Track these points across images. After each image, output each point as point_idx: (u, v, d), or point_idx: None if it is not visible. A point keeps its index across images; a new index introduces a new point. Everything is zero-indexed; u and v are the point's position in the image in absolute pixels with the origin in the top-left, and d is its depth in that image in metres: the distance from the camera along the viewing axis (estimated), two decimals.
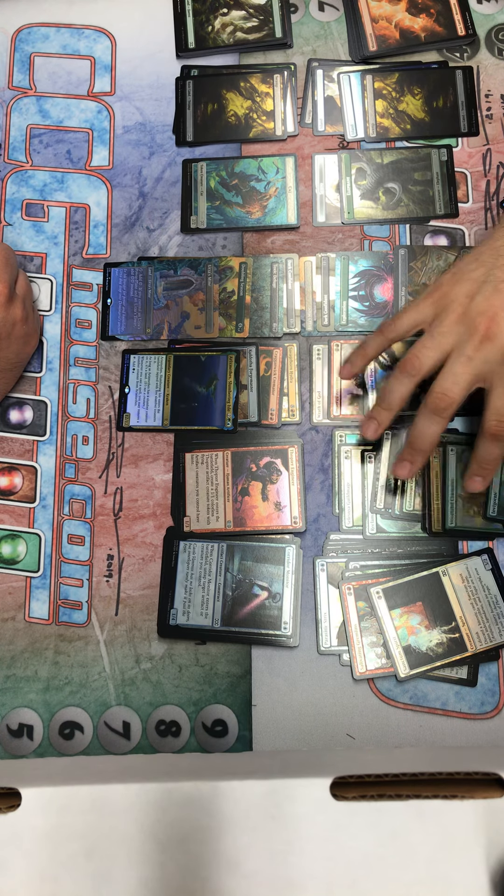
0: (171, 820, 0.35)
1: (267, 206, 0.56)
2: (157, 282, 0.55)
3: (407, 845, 0.35)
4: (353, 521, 0.51)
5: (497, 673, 0.49)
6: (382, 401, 0.47)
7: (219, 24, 0.58)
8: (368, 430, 0.48)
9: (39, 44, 0.59)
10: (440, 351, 0.44)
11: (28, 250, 0.56)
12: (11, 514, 0.52)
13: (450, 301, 0.44)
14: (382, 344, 0.48)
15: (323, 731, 0.48)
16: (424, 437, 0.46)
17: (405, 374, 0.45)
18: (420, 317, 0.46)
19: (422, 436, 0.46)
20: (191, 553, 0.50)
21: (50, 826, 0.35)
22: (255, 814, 0.35)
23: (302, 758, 0.42)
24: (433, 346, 0.45)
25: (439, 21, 0.58)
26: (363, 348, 0.48)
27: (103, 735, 0.48)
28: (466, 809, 0.35)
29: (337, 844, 0.35)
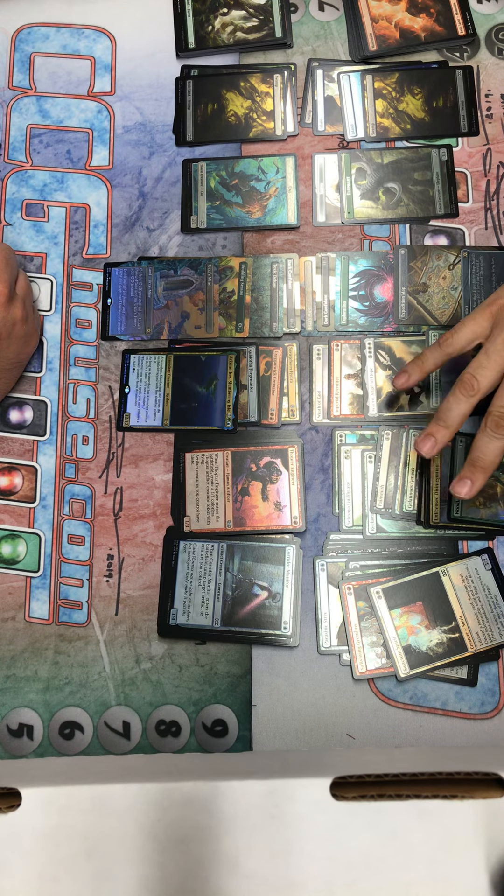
0: (171, 820, 0.35)
1: (267, 206, 0.56)
2: (157, 282, 0.55)
3: (407, 845, 0.35)
4: (353, 521, 0.51)
5: (497, 673, 0.49)
6: (440, 419, 0.46)
7: (219, 24, 0.58)
8: (425, 447, 0.46)
9: (39, 44, 0.59)
10: (496, 370, 0.44)
11: (28, 250, 0.56)
12: (11, 514, 0.52)
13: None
14: (440, 358, 0.47)
15: (323, 731, 0.48)
16: (486, 454, 0.45)
17: (464, 393, 0.45)
18: (479, 329, 0.46)
19: (484, 454, 0.45)
20: (191, 553, 0.50)
21: (50, 826, 0.35)
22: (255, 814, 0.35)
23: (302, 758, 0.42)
24: (489, 365, 0.44)
25: (439, 21, 0.58)
26: (421, 360, 0.48)
27: (103, 735, 0.48)
28: (466, 809, 0.35)
29: (337, 844, 0.35)
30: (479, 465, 0.45)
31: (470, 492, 0.45)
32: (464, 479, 0.45)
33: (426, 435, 0.46)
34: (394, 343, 0.53)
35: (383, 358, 0.53)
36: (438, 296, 0.54)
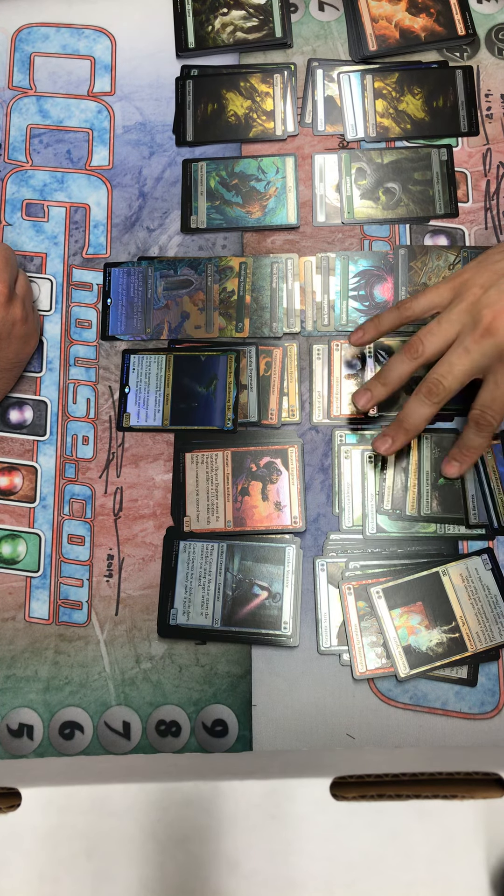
0: (172, 820, 0.35)
1: (267, 206, 0.56)
2: (157, 282, 0.55)
3: (407, 845, 0.35)
4: (354, 521, 0.51)
5: (497, 673, 0.49)
6: (381, 376, 0.48)
7: (219, 24, 0.58)
8: (361, 400, 0.48)
9: (39, 44, 0.59)
10: (444, 338, 0.45)
11: (28, 250, 0.56)
12: (11, 514, 0.52)
13: (466, 289, 0.45)
14: (396, 320, 0.48)
15: (323, 731, 0.48)
16: (412, 417, 0.46)
17: (408, 355, 0.46)
18: (438, 300, 0.46)
19: (410, 416, 0.47)
20: (191, 553, 0.50)
21: (50, 826, 0.35)
22: (255, 814, 0.35)
23: (302, 758, 0.42)
24: (438, 332, 0.45)
25: (439, 21, 0.58)
26: (378, 320, 0.49)
27: (103, 735, 0.48)
28: (466, 809, 0.35)
29: (337, 844, 0.35)
30: (403, 426, 0.47)
31: (389, 449, 0.48)
32: (386, 436, 0.48)
33: (364, 389, 0.48)
34: (394, 343, 0.53)
35: (383, 357, 0.53)
36: None
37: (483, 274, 0.45)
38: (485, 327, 0.43)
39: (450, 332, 0.45)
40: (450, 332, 0.45)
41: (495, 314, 0.43)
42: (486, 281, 0.44)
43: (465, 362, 0.44)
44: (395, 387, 0.47)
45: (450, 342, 0.45)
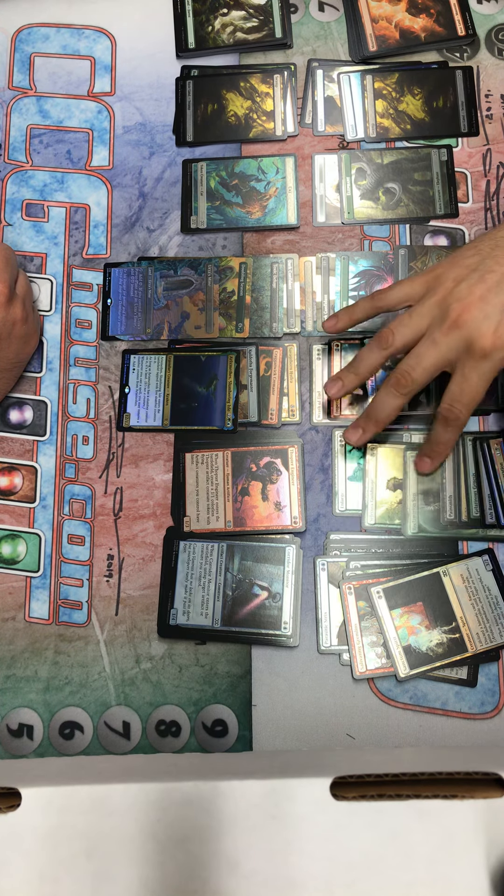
0: (172, 820, 0.35)
1: (267, 206, 0.56)
2: (157, 282, 0.55)
3: (407, 845, 0.35)
4: (378, 518, 0.51)
5: (497, 673, 0.49)
6: (352, 365, 0.48)
7: (219, 25, 0.58)
8: (332, 388, 0.49)
9: (39, 44, 0.59)
10: (414, 330, 0.45)
11: (28, 250, 0.56)
12: (11, 514, 0.52)
13: (439, 283, 0.45)
14: (370, 309, 0.49)
15: (323, 731, 0.48)
16: (381, 408, 0.47)
17: (378, 345, 0.47)
18: (411, 292, 0.47)
19: (379, 406, 0.47)
20: (191, 553, 0.50)
21: (50, 826, 0.35)
22: (255, 814, 0.35)
23: (302, 758, 0.42)
24: (409, 324, 0.45)
25: (439, 21, 0.58)
26: (351, 309, 0.49)
27: (103, 735, 0.48)
28: (466, 809, 0.35)
29: (337, 844, 0.35)
30: (373, 418, 0.48)
31: (360, 440, 0.49)
32: (357, 427, 0.49)
33: (335, 378, 0.49)
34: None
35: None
36: None
37: (455, 269, 0.45)
38: (453, 320, 0.43)
39: (420, 324, 0.45)
40: (420, 324, 0.45)
41: (464, 307, 0.43)
42: (458, 275, 0.44)
43: (433, 354, 0.44)
44: (366, 376, 0.48)
45: (420, 334, 0.45)
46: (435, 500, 0.51)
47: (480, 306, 0.43)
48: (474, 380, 0.44)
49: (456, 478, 0.51)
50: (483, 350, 0.43)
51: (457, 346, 0.44)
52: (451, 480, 0.51)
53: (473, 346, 0.43)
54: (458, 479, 0.51)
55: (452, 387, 0.45)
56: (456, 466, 0.51)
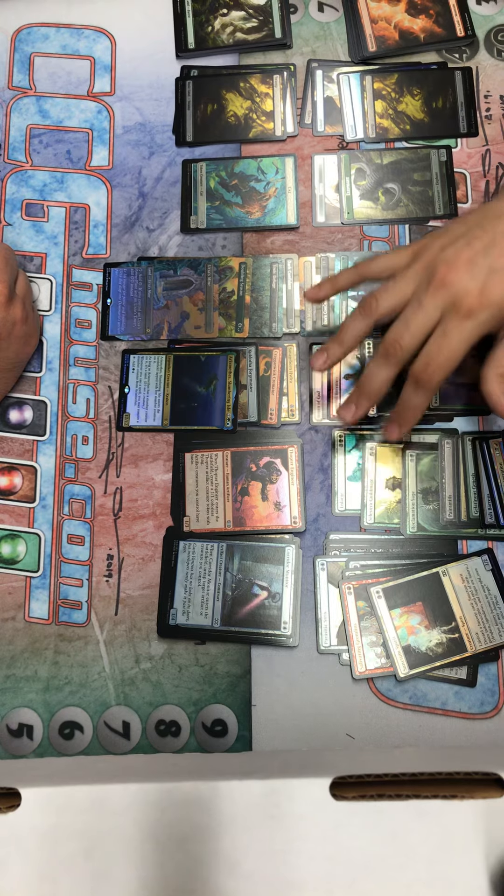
0: (171, 820, 0.35)
1: (267, 207, 0.56)
2: (157, 282, 0.55)
3: (407, 845, 0.35)
4: (377, 517, 0.51)
5: (497, 673, 0.49)
6: (337, 336, 0.47)
7: (219, 25, 0.59)
8: (318, 361, 0.48)
9: (39, 44, 0.59)
10: (398, 295, 0.45)
11: (28, 250, 0.56)
12: (11, 514, 0.52)
13: (425, 250, 0.45)
14: (354, 279, 0.48)
15: (323, 731, 0.48)
16: (372, 380, 0.46)
17: (362, 313, 0.46)
18: (397, 261, 0.46)
19: (370, 379, 0.46)
20: (191, 553, 0.50)
21: (49, 826, 0.35)
22: (255, 814, 0.35)
23: (302, 758, 0.42)
24: (393, 289, 0.45)
25: (438, 22, 0.58)
26: (335, 278, 0.49)
27: (103, 735, 0.48)
28: (466, 809, 0.35)
29: (337, 844, 0.35)
30: (364, 392, 0.47)
31: (355, 416, 0.47)
32: (349, 403, 0.48)
33: (321, 350, 0.48)
34: None
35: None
36: None
37: (442, 238, 0.45)
38: (439, 280, 0.43)
39: (405, 289, 0.44)
40: (405, 289, 0.44)
41: (449, 268, 0.43)
42: (444, 243, 0.44)
43: (419, 317, 0.43)
44: (352, 346, 0.47)
45: (405, 300, 0.44)
46: (434, 500, 0.51)
47: (467, 267, 0.42)
48: (454, 339, 0.43)
49: (455, 477, 0.51)
50: (469, 308, 0.42)
51: (443, 305, 0.43)
52: (451, 480, 0.51)
53: (459, 304, 0.42)
54: (457, 478, 0.51)
55: (430, 345, 0.43)
56: (456, 466, 0.51)
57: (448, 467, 0.51)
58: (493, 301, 0.42)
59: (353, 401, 0.47)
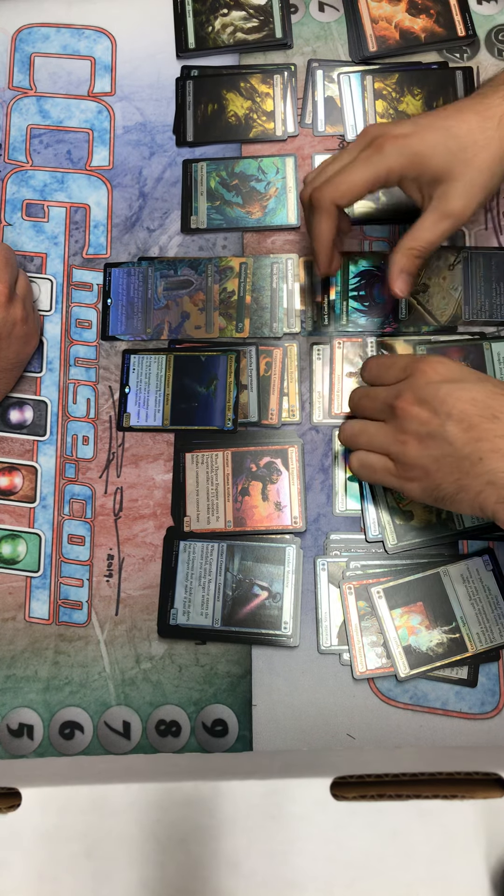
0: (172, 820, 0.35)
1: (267, 207, 0.56)
2: (158, 282, 0.55)
3: (407, 845, 0.35)
4: (347, 506, 0.51)
5: (497, 673, 0.49)
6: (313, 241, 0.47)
7: (219, 25, 0.58)
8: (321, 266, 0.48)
9: (39, 44, 0.59)
10: (340, 162, 0.45)
11: (28, 250, 0.56)
12: (11, 514, 0.52)
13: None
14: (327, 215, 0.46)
15: (323, 731, 0.48)
16: (315, 232, 0.46)
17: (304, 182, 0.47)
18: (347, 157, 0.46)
19: (314, 234, 0.47)
20: (191, 553, 0.50)
21: (50, 826, 0.35)
22: (255, 814, 0.35)
23: (302, 758, 0.42)
24: (336, 157, 0.46)
25: (439, 22, 0.58)
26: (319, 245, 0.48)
27: (103, 735, 0.48)
28: (466, 809, 0.35)
29: (337, 844, 0.35)
30: (315, 247, 0.47)
31: (326, 270, 0.48)
32: (316, 265, 0.49)
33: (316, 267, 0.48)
34: (396, 342, 0.53)
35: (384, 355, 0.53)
36: (438, 296, 0.54)
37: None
38: (376, 146, 0.43)
39: (345, 158, 0.45)
40: (345, 158, 0.45)
41: (386, 139, 0.43)
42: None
43: (337, 165, 0.45)
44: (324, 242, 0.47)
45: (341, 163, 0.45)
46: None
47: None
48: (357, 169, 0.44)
49: None
50: (379, 145, 0.44)
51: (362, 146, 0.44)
52: None
53: (374, 141, 0.44)
54: None
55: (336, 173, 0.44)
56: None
57: None
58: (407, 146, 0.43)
59: (316, 261, 0.48)
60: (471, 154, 0.43)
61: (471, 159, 0.43)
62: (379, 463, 0.45)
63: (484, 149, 0.43)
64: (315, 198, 0.45)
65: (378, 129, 0.44)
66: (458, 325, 0.53)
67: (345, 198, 0.44)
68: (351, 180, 0.44)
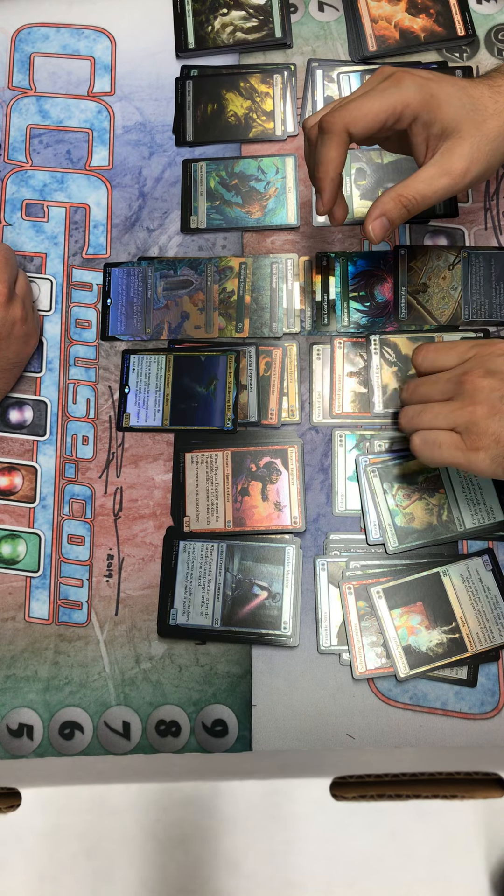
0: (172, 820, 0.35)
1: (267, 206, 0.56)
2: (157, 282, 0.55)
3: (407, 845, 0.35)
4: (347, 506, 0.51)
5: (497, 673, 0.49)
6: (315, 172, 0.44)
7: (219, 25, 0.58)
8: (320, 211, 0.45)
9: (39, 44, 0.59)
10: (355, 94, 0.43)
11: (28, 250, 0.56)
12: (11, 514, 0.52)
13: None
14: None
15: (323, 731, 0.48)
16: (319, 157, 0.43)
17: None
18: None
19: (318, 159, 0.43)
20: (191, 553, 0.50)
21: (50, 826, 0.35)
22: (255, 814, 0.35)
23: (302, 758, 0.42)
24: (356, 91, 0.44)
25: (439, 21, 0.58)
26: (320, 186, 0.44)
27: (103, 735, 0.48)
28: (466, 809, 0.35)
29: (337, 844, 0.35)
30: (317, 175, 0.44)
31: (327, 203, 0.45)
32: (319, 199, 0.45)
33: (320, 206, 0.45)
34: (399, 340, 0.53)
35: (389, 354, 0.53)
36: (438, 296, 0.54)
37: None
38: (394, 79, 0.42)
39: (361, 90, 0.43)
40: (361, 90, 0.43)
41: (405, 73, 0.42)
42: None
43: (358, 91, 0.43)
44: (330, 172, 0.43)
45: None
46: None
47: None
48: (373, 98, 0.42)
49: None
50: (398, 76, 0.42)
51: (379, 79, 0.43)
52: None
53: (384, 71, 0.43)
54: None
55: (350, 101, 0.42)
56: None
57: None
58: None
59: (318, 191, 0.44)
60: (481, 118, 0.42)
61: (481, 123, 0.42)
62: (444, 437, 0.43)
63: (493, 117, 0.43)
64: (326, 121, 0.42)
65: (396, 67, 0.43)
66: (458, 325, 0.54)
67: (358, 123, 0.41)
68: (367, 106, 0.41)
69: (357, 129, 0.42)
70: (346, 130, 0.42)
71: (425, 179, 0.43)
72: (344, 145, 0.42)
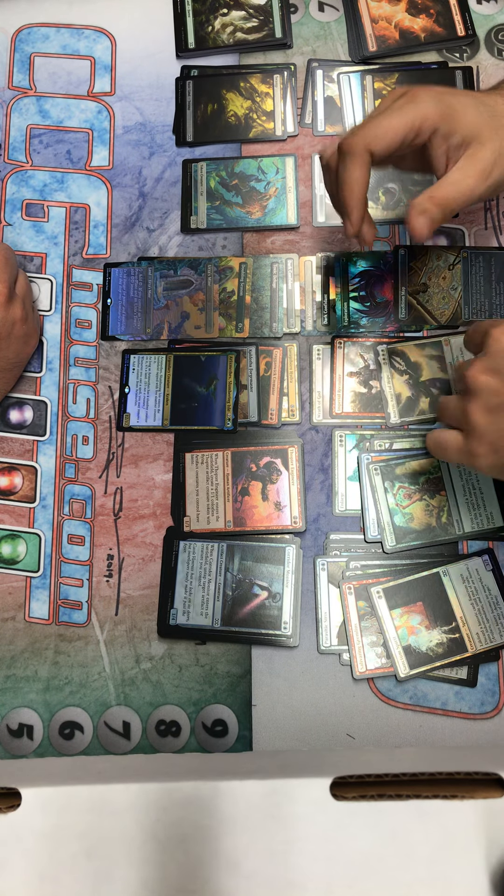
0: (172, 820, 0.35)
1: (267, 207, 0.56)
2: (157, 282, 0.55)
3: (407, 845, 0.35)
4: (347, 506, 0.51)
5: (497, 673, 0.49)
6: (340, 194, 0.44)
7: (219, 25, 0.58)
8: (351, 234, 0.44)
9: (39, 44, 0.59)
10: (372, 115, 0.43)
11: (28, 250, 0.56)
12: (11, 514, 0.52)
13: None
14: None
15: (323, 731, 0.48)
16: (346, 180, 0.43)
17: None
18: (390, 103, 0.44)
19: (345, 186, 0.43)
20: (191, 553, 0.50)
21: (50, 826, 0.35)
22: (255, 814, 0.35)
23: (302, 758, 0.42)
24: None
25: (439, 21, 0.58)
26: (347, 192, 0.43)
27: (103, 735, 0.48)
28: (466, 809, 0.35)
29: (337, 844, 0.35)
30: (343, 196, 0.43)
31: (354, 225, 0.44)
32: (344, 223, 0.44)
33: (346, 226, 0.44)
34: (407, 347, 0.53)
35: (399, 363, 0.53)
36: (438, 296, 0.54)
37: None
38: (410, 95, 0.42)
39: (378, 111, 0.43)
40: (378, 111, 0.43)
41: (420, 89, 0.42)
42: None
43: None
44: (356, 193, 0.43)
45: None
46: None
47: None
48: (395, 116, 0.41)
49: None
50: (414, 94, 0.42)
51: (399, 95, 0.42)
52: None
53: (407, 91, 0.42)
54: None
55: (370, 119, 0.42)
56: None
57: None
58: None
59: (344, 216, 0.44)
60: (499, 123, 0.42)
61: (500, 128, 0.42)
62: (449, 437, 0.43)
63: None
64: (346, 143, 0.42)
65: (408, 87, 0.43)
66: (458, 325, 0.54)
67: (379, 142, 0.41)
68: (387, 124, 0.41)
69: (378, 148, 0.42)
70: (367, 150, 0.42)
71: (453, 183, 0.42)
72: (367, 165, 0.42)
